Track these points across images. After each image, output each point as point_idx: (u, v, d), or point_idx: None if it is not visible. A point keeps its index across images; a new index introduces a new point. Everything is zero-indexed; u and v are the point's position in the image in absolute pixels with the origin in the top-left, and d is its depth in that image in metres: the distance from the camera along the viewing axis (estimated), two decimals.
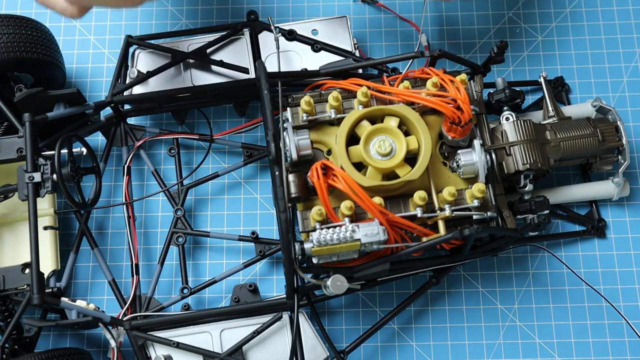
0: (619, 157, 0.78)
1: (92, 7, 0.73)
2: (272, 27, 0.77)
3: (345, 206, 0.67)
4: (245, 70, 0.81)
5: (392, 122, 0.71)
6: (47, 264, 0.76)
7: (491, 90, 0.79)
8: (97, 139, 0.85)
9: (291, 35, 0.81)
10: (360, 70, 0.81)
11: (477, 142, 0.71)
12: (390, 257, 0.69)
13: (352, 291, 0.72)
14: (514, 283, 0.80)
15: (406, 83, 0.73)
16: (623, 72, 0.87)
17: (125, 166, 0.81)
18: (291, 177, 0.69)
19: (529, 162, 0.73)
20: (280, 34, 0.77)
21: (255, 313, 0.74)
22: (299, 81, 0.79)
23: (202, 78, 0.82)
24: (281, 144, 0.71)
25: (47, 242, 0.77)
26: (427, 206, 0.70)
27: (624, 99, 0.86)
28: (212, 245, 0.82)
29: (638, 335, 0.77)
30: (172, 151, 0.83)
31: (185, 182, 0.81)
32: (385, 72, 0.80)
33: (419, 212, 0.69)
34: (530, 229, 0.74)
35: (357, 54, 0.82)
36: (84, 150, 0.76)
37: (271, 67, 0.82)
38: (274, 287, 0.81)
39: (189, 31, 0.83)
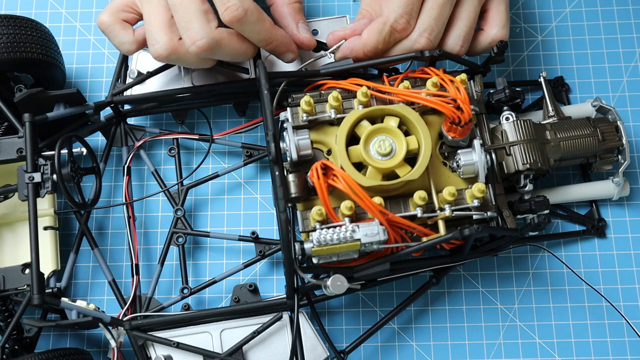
0: (619, 156, 0.78)
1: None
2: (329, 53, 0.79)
3: (345, 206, 0.67)
4: (245, 71, 0.81)
5: (392, 122, 0.71)
6: (47, 264, 0.76)
7: (491, 90, 0.79)
8: (97, 139, 0.85)
9: None
10: (361, 71, 0.81)
11: (477, 142, 0.71)
12: (390, 257, 0.69)
13: (352, 291, 0.72)
14: (514, 283, 0.80)
15: (406, 83, 0.73)
16: (623, 72, 0.87)
17: (125, 166, 0.81)
18: (291, 177, 0.69)
19: (529, 161, 0.73)
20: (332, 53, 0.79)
21: (255, 313, 0.74)
22: (299, 81, 0.79)
23: (202, 78, 0.82)
24: (281, 144, 0.71)
25: (47, 243, 0.77)
26: (427, 206, 0.70)
27: (624, 99, 0.86)
28: (212, 245, 0.82)
29: (638, 335, 0.77)
30: (172, 151, 0.83)
31: (185, 182, 0.82)
32: (385, 72, 0.80)
33: (419, 212, 0.69)
34: (530, 229, 0.74)
35: None
36: (84, 150, 0.76)
37: (271, 67, 0.82)
38: (274, 287, 0.81)
39: None
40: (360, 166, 0.70)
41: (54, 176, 0.71)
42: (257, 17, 0.71)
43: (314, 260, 0.68)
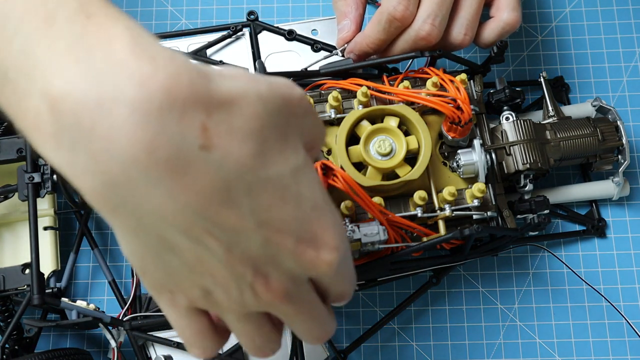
0: (619, 156, 0.78)
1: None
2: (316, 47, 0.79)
3: (345, 206, 0.67)
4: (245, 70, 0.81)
5: (392, 122, 0.71)
6: (47, 265, 0.76)
7: (491, 90, 0.78)
8: None
9: (291, 35, 0.81)
10: (361, 71, 0.81)
11: (477, 142, 0.71)
12: (390, 257, 0.69)
13: None
14: (514, 283, 0.80)
15: (406, 83, 0.73)
16: (623, 72, 0.87)
17: None
18: None
19: (529, 161, 0.73)
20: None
21: None
22: (299, 81, 0.79)
23: None
24: None
25: (47, 243, 0.77)
26: (427, 206, 0.70)
27: (624, 99, 0.86)
28: None
29: (638, 335, 0.77)
30: None
31: None
32: (385, 72, 0.80)
33: (419, 212, 0.69)
34: (530, 229, 0.74)
35: None
36: None
37: (271, 67, 0.82)
38: None
39: (188, 31, 0.83)
40: (360, 166, 0.70)
41: (54, 176, 0.71)
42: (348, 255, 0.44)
43: None
